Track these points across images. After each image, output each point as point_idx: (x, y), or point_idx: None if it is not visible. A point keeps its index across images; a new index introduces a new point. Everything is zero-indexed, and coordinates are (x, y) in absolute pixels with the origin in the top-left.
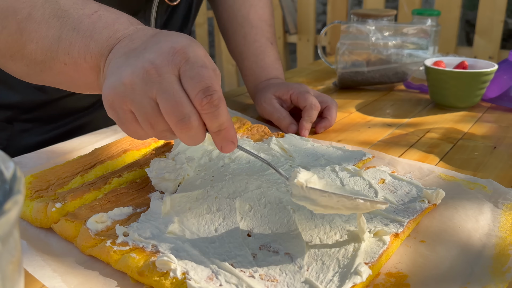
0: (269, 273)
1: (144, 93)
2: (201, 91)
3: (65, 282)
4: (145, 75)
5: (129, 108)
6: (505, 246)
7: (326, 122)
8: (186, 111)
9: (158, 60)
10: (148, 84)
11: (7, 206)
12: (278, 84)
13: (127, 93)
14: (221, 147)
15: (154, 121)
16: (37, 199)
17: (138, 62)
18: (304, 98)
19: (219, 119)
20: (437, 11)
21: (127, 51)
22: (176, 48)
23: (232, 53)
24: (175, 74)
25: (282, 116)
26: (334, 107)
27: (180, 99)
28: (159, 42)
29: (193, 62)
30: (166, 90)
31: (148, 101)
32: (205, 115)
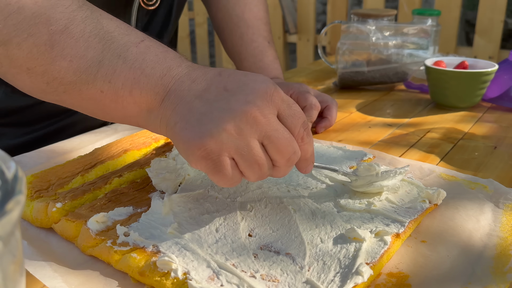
0: (270, 273)
1: (251, 137)
2: (301, 126)
3: (65, 282)
4: (249, 118)
5: (231, 155)
6: (506, 246)
7: (326, 122)
8: (295, 146)
9: (259, 102)
10: (253, 126)
11: (9, 206)
12: (278, 84)
13: (230, 139)
14: (305, 170)
15: (263, 162)
16: (38, 199)
17: (234, 105)
18: (304, 97)
19: (312, 145)
20: (437, 11)
21: (199, 94)
22: (271, 89)
23: (230, 54)
24: (275, 114)
25: None
26: (334, 106)
27: (289, 136)
28: (245, 83)
29: (287, 101)
30: (275, 129)
31: (255, 144)
32: (305, 145)
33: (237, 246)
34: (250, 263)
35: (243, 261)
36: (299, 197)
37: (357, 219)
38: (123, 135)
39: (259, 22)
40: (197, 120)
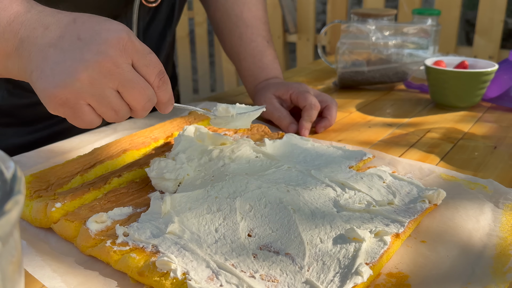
0: (270, 273)
1: (105, 85)
2: (157, 74)
3: (65, 282)
4: (102, 69)
5: (87, 102)
6: (506, 246)
7: (326, 121)
8: (150, 93)
9: (111, 52)
10: (107, 76)
11: (8, 206)
12: (277, 83)
13: (84, 89)
14: (164, 111)
15: (119, 108)
16: (37, 198)
17: (87, 56)
18: (304, 97)
19: (170, 91)
20: (437, 11)
21: (53, 42)
22: (124, 39)
23: (228, 54)
24: (129, 63)
25: (283, 115)
26: (334, 106)
27: (144, 84)
28: (98, 33)
29: (142, 51)
30: (129, 79)
31: (110, 92)
32: (160, 93)
33: (236, 246)
34: (249, 263)
35: (243, 261)
36: (299, 197)
37: (356, 219)
38: (122, 135)
39: (258, 22)
40: (51, 69)
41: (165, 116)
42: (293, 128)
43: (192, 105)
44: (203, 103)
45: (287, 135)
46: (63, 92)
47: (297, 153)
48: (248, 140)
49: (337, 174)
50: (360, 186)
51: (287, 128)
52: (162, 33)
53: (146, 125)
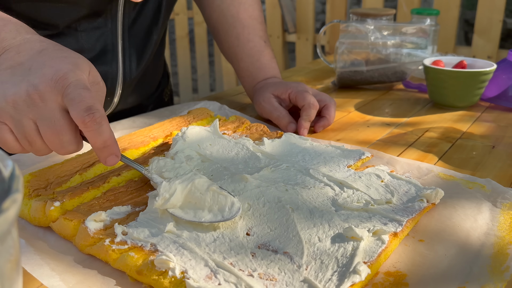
0: (268, 272)
1: (25, 115)
2: (83, 109)
3: (63, 281)
4: (27, 98)
5: (5, 123)
6: (503, 245)
7: (324, 121)
8: (66, 139)
9: (41, 86)
10: (30, 107)
11: (6, 205)
12: (276, 83)
13: (7, 109)
14: (105, 162)
15: (33, 140)
16: (36, 197)
17: (22, 84)
18: (302, 97)
19: (103, 136)
20: (436, 11)
21: (13, 65)
22: (59, 74)
23: (226, 54)
24: (57, 101)
25: (282, 115)
26: (332, 105)
27: (60, 127)
28: (43, 66)
29: (75, 85)
30: (48, 118)
31: (28, 122)
32: (89, 133)
33: (235, 245)
34: (247, 262)
35: (241, 260)
36: (297, 196)
37: (355, 218)
38: (121, 134)
39: (254, 22)
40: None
41: (164, 116)
42: (292, 128)
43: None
44: (202, 102)
45: (285, 134)
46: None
47: (295, 152)
48: (247, 139)
49: (335, 173)
50: (358, 185)
51: (286, 127)
52: (148, 31)
53: (145, 124)
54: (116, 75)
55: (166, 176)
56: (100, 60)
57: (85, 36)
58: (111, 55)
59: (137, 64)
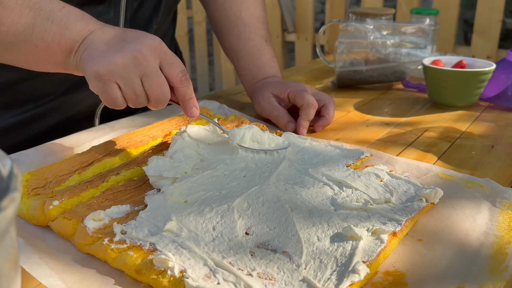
0: (267, 271)
1: (133, 73)
2: (180, 72)
3: (62, 280)
4: (134, 60)
5: (116, 81)
6: (502, 244)
7: (324, 120)
8: (165, 90)
9: (144, 50)
10: (136, 66)
11: (4, 204)
12: (275, 82)
13: (118, 70)
14: (190, 113)
15: (139, 93)
16: (34, 196)
17: (125, 50)
18: (301, 96)
19: (190, 90)
20: (435, 10)
21: (105, 41)
22: (156, 42)
23: (227, 53)
24: (157, 62)
25: (281, 114)
26: (331, 105)
27: (162, 80)
28: (138, 37)
29: (169, 54)
30: (152, 73)
31: (135, 79)
32: (182, 88)
33: (234, 244)
34: (247, 261)
35: (240, 259)
36: (296, 196)
37: (354, 217)
38: (120, 133)
39: (256, 21)
40: (97, 55)
41: (163, 115)
42: (291, 127)
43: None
44: (202, 101)
45: (285, 133)
46: (100, 69)
47: (295, 151)
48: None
49: (334, 172)
50: (358, 185)
51: (285, 126)
52: (148, 20)
53: (144, 123)
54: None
55: (165, 176)
56: None
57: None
58: None
59: None
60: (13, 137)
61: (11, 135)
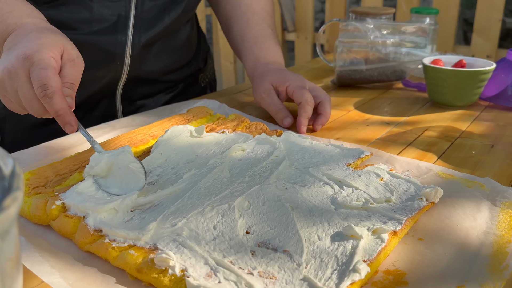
0: (268, 270)
1: (11, 86)
2: (39, 88)
3: (63, 278)
4: (7, 74)
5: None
6: (502, 244)
7: (322, 118)
8: (34, 105)
9: (15, 63)
10: (11, 79)
11: (6, 203)
12: (276, 71)
13: (3, 83)
14: (64, 129)
15: (21, 106)
16: (35, 195)
17: (5, 62)
18: (300, 93)
19: (54, 107)
20: (435, 10)
21: (10, 46)
22: (26, 54)
23: (234, 39)
24: (26, 75)
25: (278, 108)
26: (327, 102)
27: (30, 96)
28: (20, 47)
29: (36, 65)
30: (21, 88)
31: (14, 92)
32: (45, 105)
33: (234, 243)
34: (247, 260)
35: (241, 258)
36: (297, 195)
37: (354, 216)
38: (121, 132)
39: (265, 13)
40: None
41: (164, 114)
42: (287, 122)
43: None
44: (202, 100)
45: (285, 133)
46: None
47: (295, 151)
48: (246, 135)
49: (334, 172)
50: (358, 184)
51: (281, 121)
52: (161, 11)
53: (145, 122)
54: (125, 42)
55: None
56: (111, 30)
57: (99, 6)
58: (122, 26)
59: (146, 32)
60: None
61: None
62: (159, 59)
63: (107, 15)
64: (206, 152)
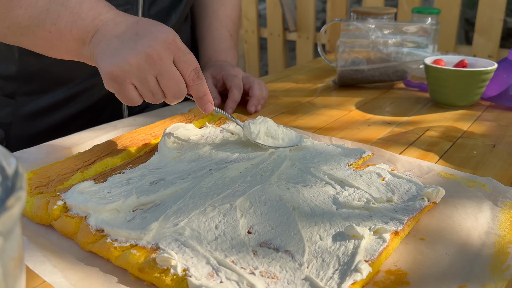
0: (270, 270)
1: (148, 72)
2: (193, 70)
3: (65, 278)
4: (148, 58)
5: (132, 82)
6: (504, 244)
7: (253, 100)
8: (182, 86)
9: (158, 47)
10: (151, 65)
11: (10, 202)
12: (218, 65)
13: (132, 71)
14: (204, 109)
15: (155, 91)
16: (37, 195)
17: (138, 47)
18: (230, 79)
19: (204, 87)
20: (437, 10)
21: (117, 34)
22: (170, 38)
23: (195, 36)
24: (171, 59)
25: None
26: (255, 84)
27: (178, 78)
28: (152, 32)
29: (183, 50)
30: (167, 71)
31: (151, 78)
32: (195, 86)
33: (236, 243)
34: (249, 260)
35: (243, 257)
36: (298, 195)
37: (355, 216)
38: (123, 132)
39: (227, 19)
40: (111, 53)
41: (166, 115)
42: (216, 103)
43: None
44: None
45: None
46: (115, 70)
47: (296, 150)
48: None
49: (336, 171)
50: (359, 184)
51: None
52: (167, 12)
53: (146, 123)
54: None
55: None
56: None
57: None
58: None
59: None
60: (49, 119)
61: (47, 117)
62: None
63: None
64: (209, 158)
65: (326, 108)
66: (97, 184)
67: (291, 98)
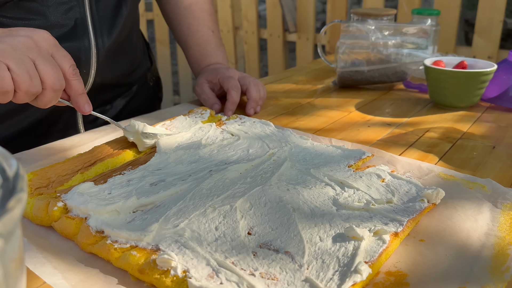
0: (270, 271)
1: (25, 54)
2: (72, 66)
3: (65, 279)
4: (26, 43)
5: (6, 62)
6: (504, 245)
7: (251, 102)
8: (60, 76)
9: (35, 37)
10: (28, 49)
11: (11, 204)
12: (212, 69)
13: (7, 50)
14: (83, 108)
15: (33, 74)
16: (37, 196)
17: (16, 38)
18: (226, 81)
19: (82, 86)
20: (436, 11)
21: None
22: (47, 34)
23: (178, 42)
24: (49, 51)
25: (207, 97)
26: (252, 86)
27: (55, 65)
28: (29, 30)
29: (61, 48)
30: (45, 57)
31: (27, 60)
32: (74, 81)
33: (236, 244)
34: (249, 261)
35: (243, 259)
36: (298, 196)
37: (355, 218)
38: (120, 134)
39: (204, 14)
40: None
41: (165, 117)
42: (216, 108)
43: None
44: (197, 108)
45: (285, 133)
46: None
47: (296, 151)
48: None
49: (336, 173)
50: (359, 185)
51: (211, 107)
52: (117, 5)
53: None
54: (89, 48)
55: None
56: (72, 35)
57: (53, 11)
58: (81, 30)
59: (108, 35)
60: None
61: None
62: (120, 62)
63: (64, 21)
64: (209, 159)
65: (326, 109)
66: (97, 186)
67: (291, 99)
